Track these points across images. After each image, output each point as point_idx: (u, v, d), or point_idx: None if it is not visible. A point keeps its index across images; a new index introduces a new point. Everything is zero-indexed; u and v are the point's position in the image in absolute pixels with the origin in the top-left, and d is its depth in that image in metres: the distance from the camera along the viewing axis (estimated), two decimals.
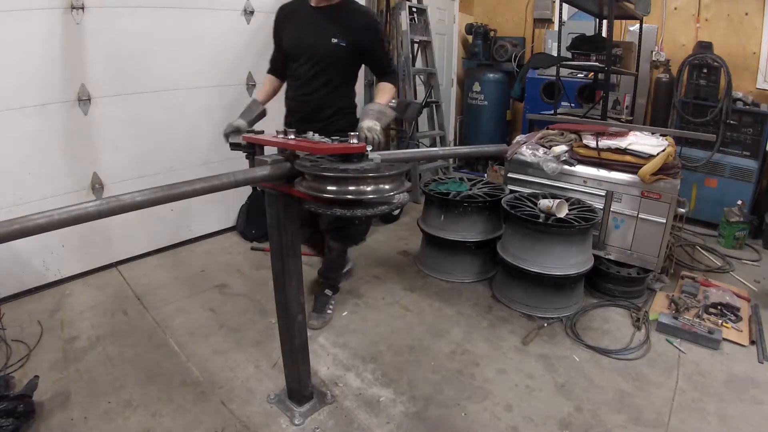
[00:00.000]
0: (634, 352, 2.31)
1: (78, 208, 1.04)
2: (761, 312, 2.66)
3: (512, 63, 5.11)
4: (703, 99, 3.85)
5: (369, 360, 2.24)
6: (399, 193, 1.38)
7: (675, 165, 2.70)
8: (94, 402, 1.90)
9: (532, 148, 2.95)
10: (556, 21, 4.85)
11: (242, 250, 3.35)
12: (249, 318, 2.54)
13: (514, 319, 2.59)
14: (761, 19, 3.89)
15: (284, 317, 1.78)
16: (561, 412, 1.93)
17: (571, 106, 4.31)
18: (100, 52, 2.64)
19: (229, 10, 3.20)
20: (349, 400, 1.98)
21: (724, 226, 3.66)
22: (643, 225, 2.69)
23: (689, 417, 1.92)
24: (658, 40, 4.32)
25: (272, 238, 1.67)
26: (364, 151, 1.41)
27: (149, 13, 2.79)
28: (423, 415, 1.91)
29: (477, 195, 2.92)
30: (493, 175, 4.92)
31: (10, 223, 0.95)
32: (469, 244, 2.91)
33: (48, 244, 2.66)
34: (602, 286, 2.80)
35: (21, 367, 2.08)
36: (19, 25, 2.33)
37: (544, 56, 4.37)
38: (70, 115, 2.62)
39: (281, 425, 1.84)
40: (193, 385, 2.03)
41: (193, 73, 3.11)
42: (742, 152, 3.75)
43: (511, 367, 2.21)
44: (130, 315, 2.53)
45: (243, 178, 1.42)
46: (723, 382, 2.12)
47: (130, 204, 1.12)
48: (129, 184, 2.73)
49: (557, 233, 2.49)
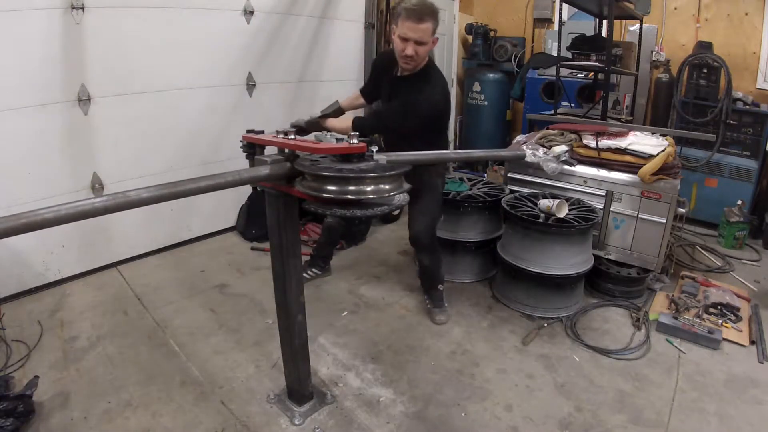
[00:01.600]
0: (634, 352, 2.31)
1: (85, 203, 1.05)
2: (761, 312, 2.66)
3: (512, 63, 5.11)
4: (703, 99, 3.85)
5: (369, 360, 2.23)
6: (399, 193, 1.38)
7: (675, 165, 2.70)
8: (94, 402, 1.90)
9: (532, 148, 2.95)
10: (556, 21, 4.85)
11: (242, 250, 3.35)
12: (249, 318, 2.54)
13: (514, 319, 2.58)
14: (761, 19, 3.89)
15: (284, 317, 1.78)
16: (561, 412, 1.93)
17: (571, 106, 4.31)
18: (100, 52, 2.64)
19: (229, 10, 3.20)
20: (349, 400, 1.98)
21: (724, 226, 3.66)
22: (643, 225, 2.69)
23: (689, 417, 1.92)
24: (658, 40, 4.32)
25: (272, 238, 1.67)
26: (364, 151, 1.41)
27: (149, 13, 2.79)
28: (423, 415, 1.91)
29: (477, 195, 2.92)
30: (493, 175, 4.92)
31: (17, 217, 0.95)
32: (469, 244, 2.91)
33: (48, 244, 2.66)
34: (602, 286, 2.80)
35: (21, 367, 2.07)
36: (20, 25, 2.33)
37: (544, 56, 4.37)
38: (70, 115, 2.62)
39: (281, 425, 1.84)
40: (193, 385, 2.03)
41: (193, 73, 3.11)
42: (742, 152, 3.75)
43: (511, 367, 2.21)
44: (130, 315, 2.53)
45: (248, 177, 1.44)
46: (723, 382, 2.12)
47: (137, 200, 1.12)
48: (129, 184, 2.74)
49: (557, 233, 2.49)
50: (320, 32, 3.81)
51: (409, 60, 2.09)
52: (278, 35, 3.50)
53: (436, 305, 2.60)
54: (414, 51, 2.04)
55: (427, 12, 2.00)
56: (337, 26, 3.92)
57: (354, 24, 4.12)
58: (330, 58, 3.93)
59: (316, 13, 3.74)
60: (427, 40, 2.05)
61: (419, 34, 2.00)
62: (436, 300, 2.61)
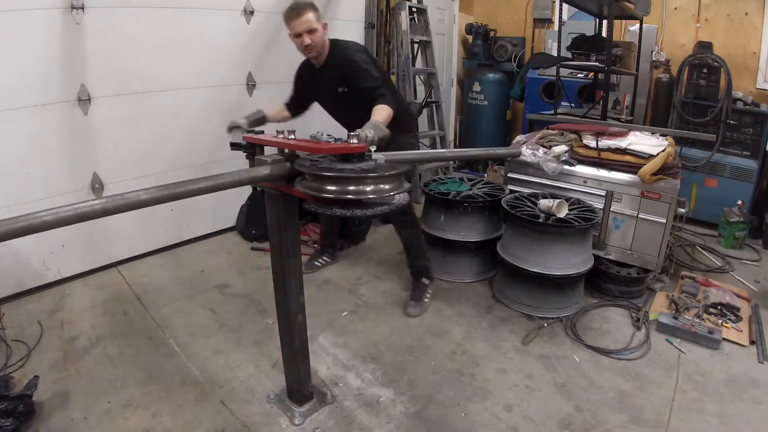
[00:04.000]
0: (634, 352, 2.31)
1: (84, 205, 1.05)
2: (761, 312, 2.66)
3: (512, 63, 5.11)
4: (703, 99, 3.84)
5: (369, 360, 2.24)
6: (399, 193, 1.38)
7: (675, 165, 2.70)
8: (94, 402, 1.90)
9: (532, 148, 2.95)
10: (556, 21, 4.84)
11: (242, 250, 3.35)
12: (249, 318, 2.54)
13: (514, 319, 2.59)
14: (761, 19, 3.89)
15: (284, 317, 1.78)
16: (561, 412, 1.93)
17: (571, 106, 4.31)
18: (100, 52, 2.64)
19: (229, 10, 3.20)
20: (349, 400, 1.98)
21: (724, 226, 3.66)
22: (643, 225, 2.69)
23: (689, 417, 1.92)
24: (658, 40, 4.32)
25: (272, 238, 1.67)
26: (364, 151, 1.41)
27: (149, 13, 2.79)
28: (423, 415, 1.91)
29: (477, 195, 2.92)
30: (493, 175, 4.92)
31: (15, 220, 0.95)
32: (469, 244, 2.91)
33: (48, 244, 2.66)
34: (602, 286, 2.80)
35: (21, 367, 2.08)
36: (20, 25, 2.33)
37: (544, 56, 4.37)
38: (70, 115, 2.62)
39: (281, 425, 1.84)
40: (193, 385, 2.03)
41: (193, 73, 3.11)
42: (742, 152, 3.75)
43: (511, 367, 2.21)
44: (130, 315, 2.53)
45: (247, 177, 1.44)
46: (723, 382, 2.12)
47: (136, 202, 1.12)
48: (129, 184, 2.73)
49: (557, 233, 2.49)
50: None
51: (311, 49, 2.30)
52: (278, 35, 3.48)
53: (414, 297, 2.65)
54: (310, 39, 2.25)
55: (302, 5, 2.23)
56: (337, 26, 3.91)
57: (354, 24, 4.12)
58: None
59: None
60: (315, 27, 2.25)
61: (305, 25, 2.22)
62: (416, 292, 2.66)
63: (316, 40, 2.27)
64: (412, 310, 2.60)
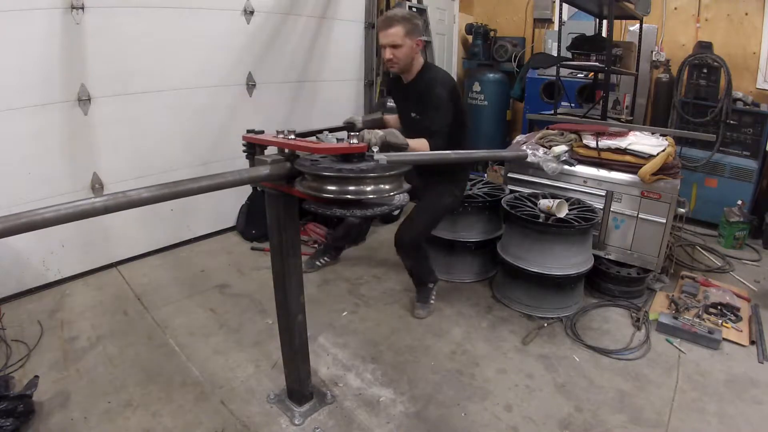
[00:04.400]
0: (634, 352, 2.31)
1: (85, 202, 1.05)
2: (761, 312, 2.66)
3: (512, 63, 5.11)
4: (703, 99, 3.85)
5: (369, 360, 2.24)
6: (399, 193, 1.38)
7: (675, 165, 2.70)
8: (94, 402, 1.90)
9: (532, 148, 2.95)
10: (556, 21, 4.84)
11: (242, 250, 3.35)
12: (249, 318, 2.54)
13: (514, 319, 2.59)
14: (761, 19, 3.89)
15: (284, 317, 1.78)
16: (561, 412, 1.93)
17: (571, 106, 4.31)
18: (100, 52, 2.64)
19: (229, 10, 3.20)
20: (349, 400, 1.98)
21: (724, 226, 3.66)
22: (643, 225, 2.69)
23: (689, 417, 1.92)
24: (658, 40, 4.32)
25: (272, 238, 1.67)
26: (364, 151, 1.41)
27: (149, 13, 2.79)
28: (423, 415, 1.91)
29: (477, 195, 2.92)
30: (492, 175, 4.92)
31: (17, 216, 0.96)
32: (469, 244, 2.90)
33: (48, 244, 2.66)
34: (602, 286, 2.80)
35: (21, 367, 2.07)
36: (20, 25, 2.33)
37: (544, 56, 4.37)
38: (70, 115, 2.62)
39: (281, 425, 1.84)
40: (193, 385, 2.03)
41: (193, 73, 3.11)
42: (742, 152, 3.75)
43: (511, 367, 2.21)
44: (130, 315, 2.53)
45: (248, 177, 1.44)
46: (723, 382, 2.12)
47: (137, 200, 1.12)
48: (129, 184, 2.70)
49: (557, 233, 2.49)
50: (320, 32, 3.81)
51: (392, 63, 2.30)
52: (278, 35, 3.50)
53: (420, 299, 2.64)
54: (392, 54, 2.26)
55: (395, 19, 2.23)
56: (337, 26, 3.92)
57: (354, 24, 4.12)
58: (330, 58, 3.93)
59: (316, 13, 3.74)
60: (400, 42, 2.24)
61: (390, 38, 2.23)
62: (422, 295, 2.65)
63: (399, 56, 2.26)
64: (420, 311, 2.59)
